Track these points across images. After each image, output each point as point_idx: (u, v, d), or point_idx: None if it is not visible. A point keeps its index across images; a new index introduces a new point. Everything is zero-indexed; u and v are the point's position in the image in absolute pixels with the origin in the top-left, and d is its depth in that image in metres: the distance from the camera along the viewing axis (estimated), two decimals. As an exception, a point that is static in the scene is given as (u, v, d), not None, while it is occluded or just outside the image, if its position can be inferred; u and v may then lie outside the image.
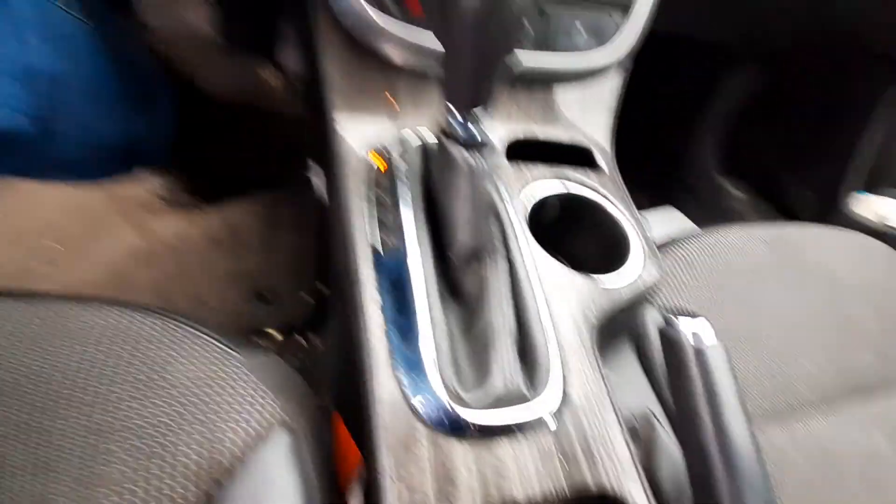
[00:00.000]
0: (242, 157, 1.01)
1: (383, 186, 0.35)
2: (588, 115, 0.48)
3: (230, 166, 0.99)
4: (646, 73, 0.64)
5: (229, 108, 1.01)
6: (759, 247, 0.57)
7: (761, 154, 1.18)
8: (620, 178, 0.47)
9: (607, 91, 0.48)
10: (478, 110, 0.29)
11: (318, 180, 1.00)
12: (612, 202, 0.43)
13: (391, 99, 0.41)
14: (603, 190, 0.44)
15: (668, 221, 1.24)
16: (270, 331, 0.86)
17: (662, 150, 1.32)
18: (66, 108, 0.43)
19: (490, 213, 0.34)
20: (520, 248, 0.34)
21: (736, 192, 1.20)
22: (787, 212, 1.13)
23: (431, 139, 0.38)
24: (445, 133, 0.30)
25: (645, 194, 1.35)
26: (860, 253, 0.64)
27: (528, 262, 0.33)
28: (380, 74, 0.40)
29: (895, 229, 0.89)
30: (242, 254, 0.92)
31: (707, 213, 1.24)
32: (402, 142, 0.37)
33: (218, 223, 0.94)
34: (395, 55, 0.38)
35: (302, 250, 0.95)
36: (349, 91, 0.39)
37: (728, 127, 1.21)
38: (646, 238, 0.41)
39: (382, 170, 0.36)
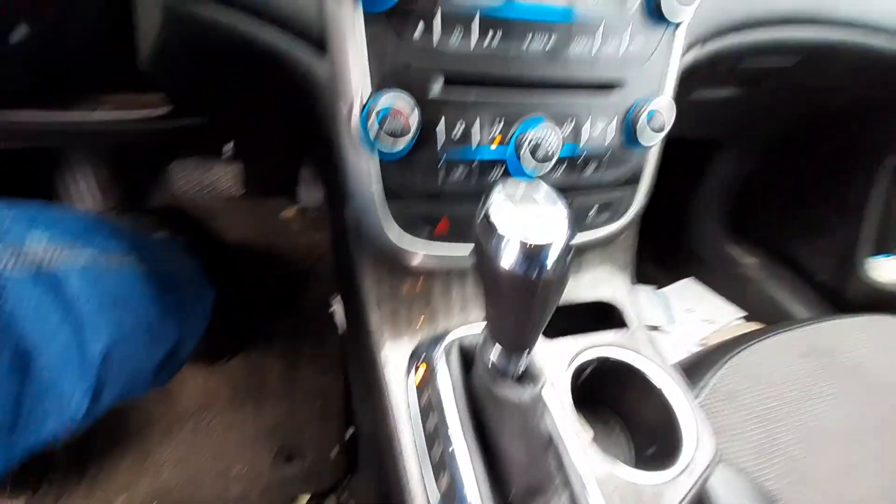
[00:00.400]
0: (266, 300, 1.04)
1: (430, 412, 0.37)
2: (608, 270, 0.51)
3: (253, 314, 1.01)
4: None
5: (252, 252, 1.06)
6: (795, 363, 0.58)
7: (769, 221, 1.21)
8: (646, 330, 0.49)
9: (623, 246, 0.51)
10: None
11: (339, 308, 1.02)
12: (651, 364, 0.44)
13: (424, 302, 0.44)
14: (638, 351, 0.45)
15: (693, 295, 1.25)
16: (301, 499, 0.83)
17: (672, 222, 1.36)
18: (117, 365, 0.44)
19: (547, 446, 0.35)
20: (580, 475, 0.34)
21: (749, 260, 1.21)
22: (804, 275, 1.14)
23: (473, 342, 0.40)
24: (493, 368, 0.32)
25: (663, 269, 1.37)
26: (894, 342, 0.64)
27: (591, 487, 0.34)
28: (415, 280, 0.43)
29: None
30: (266, 405, 0.91)
31: (724, 281, 1.25)
32: (446, 351, 0.40)
33: (240, 372, 0.94)
34: (430, 264, 0.42)
35: (327, 393, 0.94)
36: (388, 303, 0.43)
37: (731, 196, 1.25)
38: (692, 406, 0.42)
39: (422, 385, 0.38)
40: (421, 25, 0.33)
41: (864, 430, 0.54)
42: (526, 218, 0.24)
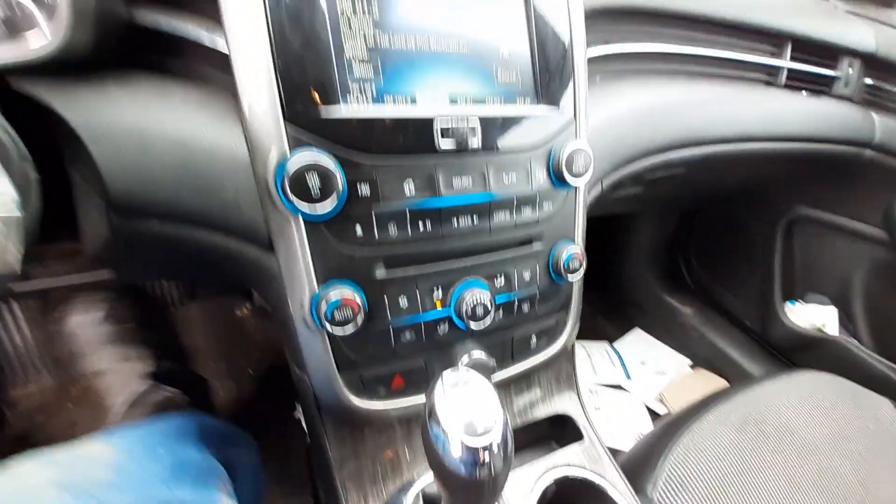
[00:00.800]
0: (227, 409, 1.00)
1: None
2: (555, 383, 0.56)
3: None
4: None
5: (209, 357, 1.02)
6: (733, 437, 0.63)
7: (698, 273, 1.34)
8: (600, 442, 0.53)
9: (564, 359, 0.56)
10: None
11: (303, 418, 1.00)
12: (607, 478, 0.48)
13: (391, 454, 0.45)
14: (594, 467, 0.49)
15: (642, 347, 1.33)
16: None
17: (615, 278, 1.46)
18: None
19: None
20: None
21: (686, 310, 1.32)
22: (734, 321, 1.25)
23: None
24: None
25: (611, 320, 1.45)
26: (815, 401, 0.72)
27: None
28: (378, 435, 0.45)
29: (827, 335, 1.01)
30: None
31: (668, 330, 1.35)
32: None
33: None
34: (391, 416, 0.44)
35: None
36: (352, 461, 0.44)
37: (661, 252, 1.38)
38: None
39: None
40: (359, 227, 0.37)
41: (801, 492, 0.59)
42: (466, 415, 0.28)
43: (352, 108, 0.36)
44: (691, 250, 1.38)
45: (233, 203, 0.36)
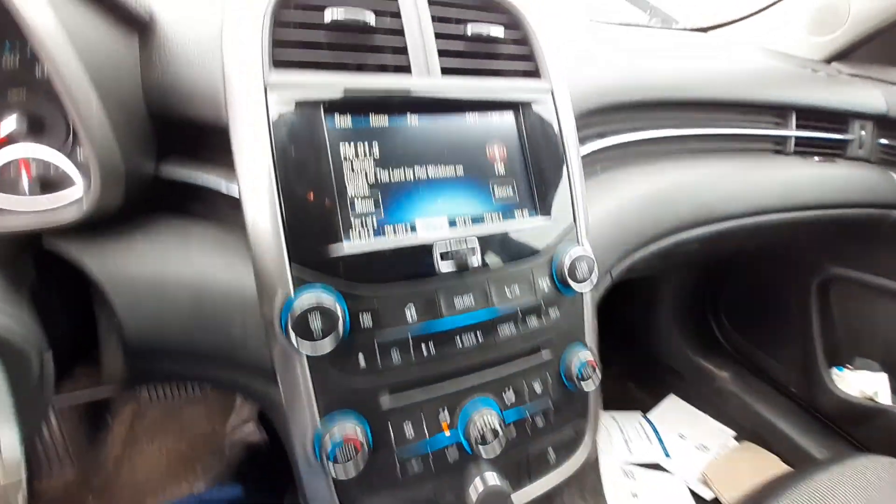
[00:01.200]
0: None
1: None
2: (581, 497, 0.52)
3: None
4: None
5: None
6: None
7: (733, 333, 1.27)
8: None
9: (590, 468, 0.53)
10: None
11: None
12: None
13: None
14: None
15: (679, 416, 1.24)
16: None
17: (643, 341, 1.40)
18: None
19: None
20: None
21: (723, 373, 1.24)
22: (776, 385, 1.17)
23: None
24: None
25: (643, 387, 1.37)
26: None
27: None
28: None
29: (880, 404, 0.92)
30: None
31: (705, 396, 1.26)
32: None
33: None
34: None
35: None
36: None
37: (690, 312, 1.32)
38: None
39: None
40: (361, 358, 0.38)
41: None
42: None
43: (354, 245, 0.38)
44: (721, 307, 1.32)
45: (241, 339, 0.37)
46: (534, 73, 0.48)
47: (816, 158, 0.80)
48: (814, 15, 0.90)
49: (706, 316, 1.34)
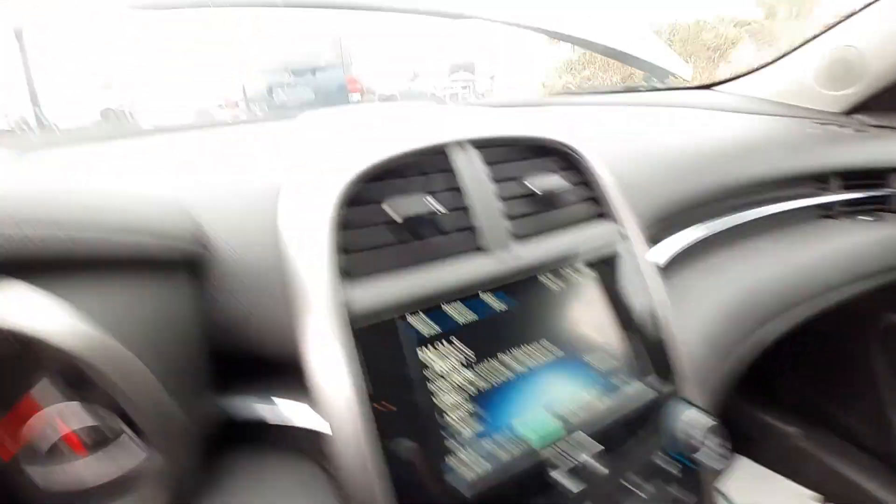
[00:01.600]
0: None
1: None
2: None
3: None
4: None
5: None
6: None
7: (796, 389, 1.20)
8: None
9: None
10: None
11: None
12: None
13: None
14: None
15: (755, 484, 1.16)
16: None
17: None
18: None
19: None
20: None
21: (787, 429, 1.17)
22: (853, 441, 1.09)
23: None
24: None
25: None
26: None
27: None
28: None
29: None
30: None
31: (779, 459, 1.18)
32: None
33: None
34: None
35: None
36: None
37: (749, 368, 1.26)
38: None
39: None
40: None
41: None
42: None
43: (465, 478, 0.32)
44: (779, 357, 1.25)
45: None
46: (603, 216, 0.45)
47: (868, 218, 0.78)
48: (825, 69, 0.90)
49: (761, 364, 1.27)
